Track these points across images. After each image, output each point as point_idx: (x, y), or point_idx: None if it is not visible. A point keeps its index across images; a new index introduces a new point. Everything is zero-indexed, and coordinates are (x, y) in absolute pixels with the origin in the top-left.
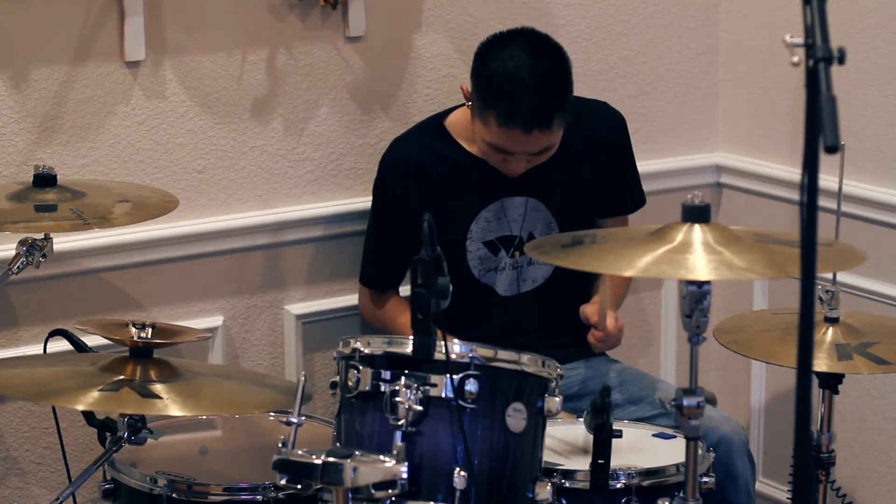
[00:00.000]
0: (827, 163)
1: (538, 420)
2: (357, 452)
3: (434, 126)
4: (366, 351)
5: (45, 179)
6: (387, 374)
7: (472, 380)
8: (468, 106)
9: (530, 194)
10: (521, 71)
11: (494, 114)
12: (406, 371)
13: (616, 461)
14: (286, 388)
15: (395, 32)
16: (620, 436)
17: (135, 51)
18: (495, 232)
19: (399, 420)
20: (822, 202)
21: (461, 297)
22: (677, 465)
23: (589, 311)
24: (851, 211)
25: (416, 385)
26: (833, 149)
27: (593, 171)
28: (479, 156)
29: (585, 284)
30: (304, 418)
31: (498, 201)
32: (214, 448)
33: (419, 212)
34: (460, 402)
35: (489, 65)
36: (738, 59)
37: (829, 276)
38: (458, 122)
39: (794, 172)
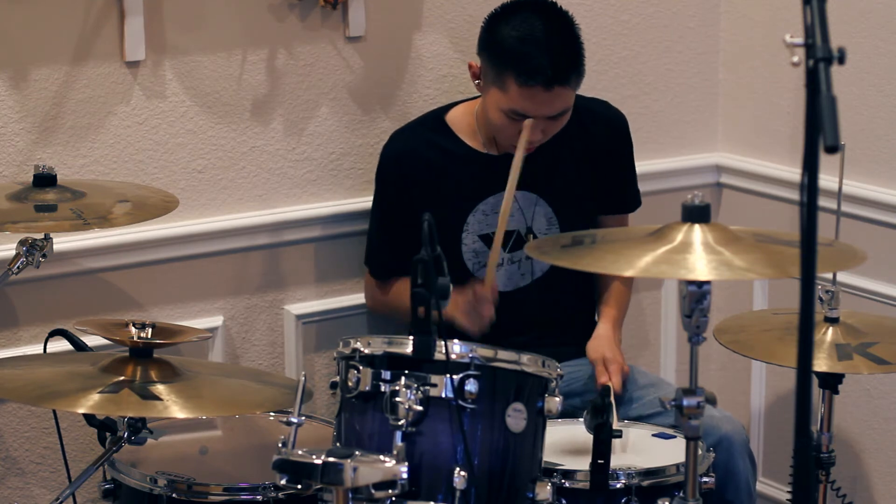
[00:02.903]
0: (827, 163)
1: (538, 420)
2: (357, 452)
3: (434, 120)
4: (366, 351)
5: (45, 179)
6: (387, 375)
7: (472, 380)
8: (476, 84)
9: (530, 189)
10: (535, 31)
11: (513, 75)
12: (406, 371)
13: (616, 461)
14: (287, 385)
15: (395, 32)
16: (620, 436)
17: (135, 51)
18: (492, 226)
19: (399, 420)
20: (822, 202)
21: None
22: (677, 465)
23: (594, 357)
24: (851, 211)
25: (416, 385)
26: (833, 149)
27: (593, 169)
28: (479, 150)
29: (584, 277)
30: (304, 418)
31: (497, 195)
32: (214, 448)
33: (419, 202)
34: (460, 402)
35: (501, 31)
36: (738, 59)
37: (829, 276)
38: (460, 117)
39: (794, 172)
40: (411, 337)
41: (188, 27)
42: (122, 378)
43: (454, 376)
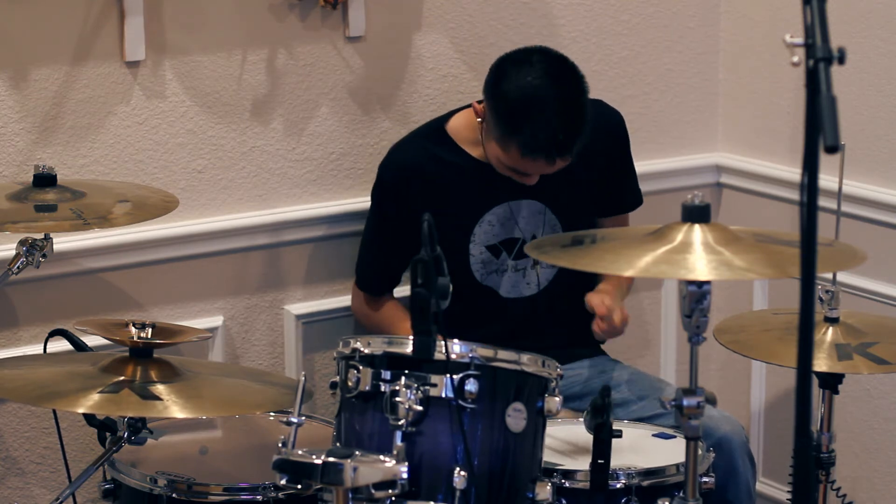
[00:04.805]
0: (827, 163)
1: (538, 420)
2: (357, 452)
3: (435, 131)
4: (366, 351)
5: (45, 179)
6: (387, 374)
7: (472, 380)
8: (480, 122)
9: (533, 197)
10: (542, 100)
11: (517, 143)
12: (406, 371)
13: (616, 461)
14: (287, 385)
15: (395, 32)
16: (620, 436)
17: (135, 51)
18: (499, 236)
19: (399, 420)
20: (822, 202)
21: (463, 301)
22: (677, 465)
23: (595, 301)
24: (851, 211)
25: (416, 385)
26: (833, 149)
27: (592, 170)
28: (482, 160)
29: (589, 286)
30: (304, 418)
31: (502, 205)
32: (214, 448)
33: (419, 219)
34: (460, 402)
35: (507, 91)
36: (738, 59)
37: (829, 276)
38: (460, 127)
39: (794, 172)
40: (411, 337)
41: (188, 27)
42: (122, 378)
43: (454, 376)
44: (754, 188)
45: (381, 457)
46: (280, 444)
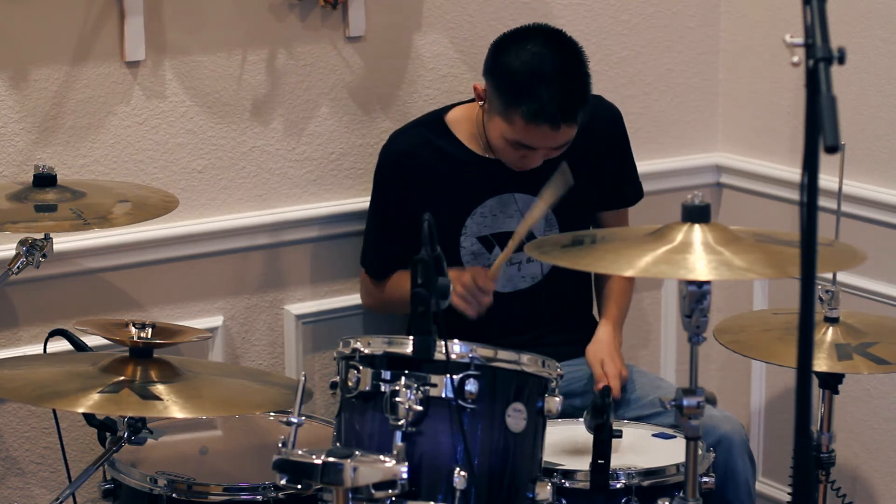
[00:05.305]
0: (827, 163)
1: (538, 420)
2: (357, 452)
3: (434, 121)
4: (366, 351)
5: (45, 179)
6: (387, 375)
7: (472, 380)
8: (481, 106)
9: (528, 191)
10: (544, 67)
11: (521, 112)
12: (406, 371)
13: (616, 461)
14: (287, 385)
15: (395, 32)
16: (620, 436)
17: (135, 51)
18: (491, 227)
19: (399, 420)
20: (822, 202)
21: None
22: (677, 465)
23: (595, 367)
24: (851, 211)
25: (416, 385)
26: (833, 149)
27: (591, 165)
28: (479, 153)
29: (583, 281)
30: (304, 418)
31: (495, 197)
32: (214, 448)
33: (417, 204)
34: (460, 402)
35: (509, 63)
36: (738, 59)
37: (829, 276)
38: (459, 119)
39: (794, 172)
40: (411, 337)
41: (188, 27)
42: (122, 378)
43: (454, 376)
44: (754, 188)
45: (381, 457)
46: (280, 444)
